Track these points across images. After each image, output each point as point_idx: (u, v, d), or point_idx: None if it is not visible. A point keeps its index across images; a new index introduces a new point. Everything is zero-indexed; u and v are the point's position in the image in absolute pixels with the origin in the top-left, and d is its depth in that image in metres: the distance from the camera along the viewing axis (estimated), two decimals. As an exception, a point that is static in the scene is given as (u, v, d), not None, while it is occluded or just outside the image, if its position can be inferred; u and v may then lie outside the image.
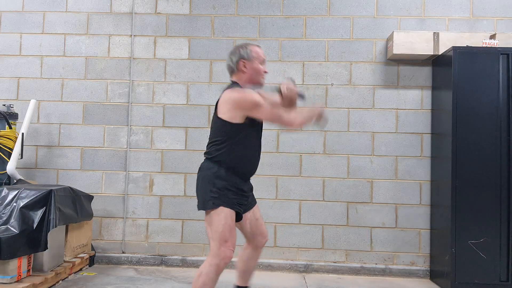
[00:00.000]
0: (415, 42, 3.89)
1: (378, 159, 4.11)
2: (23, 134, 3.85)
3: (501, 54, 3.55)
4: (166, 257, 4.13)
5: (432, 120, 4.07)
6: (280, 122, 2.47)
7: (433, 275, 3.93)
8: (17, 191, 3.24)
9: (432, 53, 3.89)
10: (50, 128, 4.28)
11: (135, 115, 4.25)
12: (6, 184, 3.78)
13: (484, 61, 3.56)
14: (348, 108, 4.15)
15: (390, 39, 4.01)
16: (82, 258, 3.82)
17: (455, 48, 3.58)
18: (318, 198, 4.12)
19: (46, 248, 3.17)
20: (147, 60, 4.27)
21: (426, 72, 4.12)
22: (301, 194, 4.12)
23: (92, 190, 4.17)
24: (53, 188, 3.34)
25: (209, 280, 2.33)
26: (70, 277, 3.65)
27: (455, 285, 3.45)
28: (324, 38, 4.20)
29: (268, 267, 4.02)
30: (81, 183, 4.18)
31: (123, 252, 4.17)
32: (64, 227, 3.61)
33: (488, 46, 3.66)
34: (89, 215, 3.90)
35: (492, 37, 3.84)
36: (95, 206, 4.06)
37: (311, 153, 4.14)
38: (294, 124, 2.48)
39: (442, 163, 3.79)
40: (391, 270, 4.02)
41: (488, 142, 3.52)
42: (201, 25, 4.26)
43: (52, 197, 3.25)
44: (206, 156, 2.54)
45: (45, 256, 3.29)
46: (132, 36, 4.29)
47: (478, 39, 3.81)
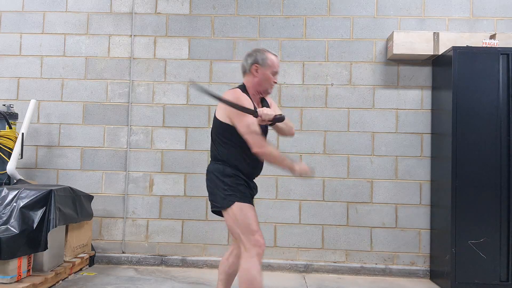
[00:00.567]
0: (415, 42, 3.89)
1: (378, 159, 4.11)
2: (23, 134, 3.85)
3: (501, 54, 3.55)
4: (166, 257, 4.13)
5: (432, 120, 4.07)
6: (249, 142, 2.39)
7: (433, 275, 3.93)
8: (17, 191, 3.24)
9: (432, 53, 3.89)
10: (50, 128, 4.28)
11: (135, 115, 4.25)
12: (6, 184, 3.78)
13: (484, 61, 3.56)
14: (348, 108, 4.15)
15: (390, 39, 4.01)
16: (82, 258, 3.82)
17: (455, 48, 3.58)
18: (318, 198, 4.12)
19: (46, 248, 3.17)
20: (147, 60, 4.27)
21: (426, 72, 4.12)
22: (301, 194, 4.12)
23: (92, 190, 4.17)
24: (53, 188, 3.34)
25: (257, 271, 2.34)
26: (70, 277, 3.65)
27: (455, 285, 3.45)
28: (324, 38, 4.20)
29: (268, 267, 4.02)
30: (81, 183, 4.18)
31: (123, 252, 4.17)
32: (64, 227, 3.61)
33: (488, 46, 3.66)
34: (89, 215, 3.90)
35: (492, 37, 3.84)
36: (95, 206, 4.06)
37: (311, 153, 4.14)
38: (259, 152, 2.41)
39: (442, 163, 3.79)
40: (391, 270, 4.02)
41: (488, 142, 3.52)
42: (201, 25, 4.26)
43: (52, 197, 3.25)
44: (211, 158, 2.59)
45: (45, 256, 3.29)
46: (132, 36, 4.29)
47: (478, 39, 3.81)
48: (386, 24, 4.17)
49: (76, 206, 3.63)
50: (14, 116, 4.03)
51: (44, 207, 3.21)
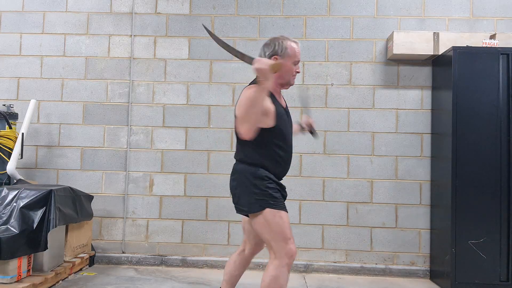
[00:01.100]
0: (415, 42, 3.89)
1: (378, 159, 4.11)
2: (23, 134, 3.85)
3: (501, 54, 3.55)
4: (166, 257, 4.13)
5: (432, 120, 4.07)
6: (238, 128, 2.21)
7: (433, 275, 3.93)
8: (17, 191, 3.24)
9: (432, 53, 3.89)
10: (50, 128, 4.28)
11: (135, 115, 4.25)
12: (6, 184, 3.78)
13: (484, 61, 3.56)
14: (348, 108, 4.15)
15: (390, 39, 4.01)
16: (82, 258, 3.82)
17: (455, 48, 3.58)
18: (318, 198, 4.12)
19: (46, 248, 3.16)
20: (147, 60, 4.27)
21: (426, 72, 4.12)
22: (301, 194, 4.12)
23: (92, 190, 4.17)
24: (53, 188, 3.34)
25: (285, 282, 2.25)
26: (70, 277, 3.65)
27: (455, 285, 3.45)
28: (324, 38, 4.20)
29: (268, 267, 4.01)
30: (81, 183, 4.18)
31: (123, 252, 4.17)
32: (64, 227, 3.61)
33: (488, 46, 3.66)
34: (89, 215, 3.90)
35: (492, 37, 3.84)
36: (95, 206, 4.06)
37: (311, 153, 4.14)
38: (242, 135, 2.21)
39: (442, 163, 3.79)
40: (391, 270, 4.02)
41: (488, 142, 3.52)
42: (201, 25, 4.26)
43: (52, 197, 3.25)
44: (238, 159, 2.40)
45: (45, 256, 3.29)
46: (132, 36, 4.29)
47: (478, 39, 3.81)
48: (386, 24, 4.17)
49: (76, 206, 3.63)
50: (14, 116, 4.03)
51: (44, 207, 3.21)
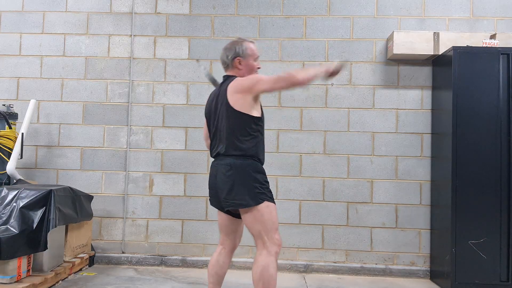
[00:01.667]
0: (415, 42, 3.89)
1: (378, 159, 4.11)
2: (23, 134, 3.84)
3: (501, 54, 3.55)
4: (166, 257, 4.13)
5: (432, 120, 4.07)
6: (284, 83, 2.38)
7: (433, 275, 3.93)
8: (17, 191, 3.24)
9: (432, 53, 3.89)
10: (50, 128, 4.28)
11: (135, 115, 4.25)
12: (6, 184, 3.78)
13: (484, 61, 3.55)
14: (348, 108, 4.15)
15: (390, 39, 4.01)
16: (82, 258, 3.82)
17: (455, 48, 3.58)
18: (318, 198, 4.11)
19: (46, 248, 3.16)
20: (147, 60, 4.27)
21: (426, 72, 4.12)
22: (301, 194, 4.12)
23: (92, 190, 4.16)
24: (53, 188, 3.33)
25: (275, 270, 2.40)
26: (70, 277, 3.65)
27: (455, 285, 3.44)
28: (324, 38, 4.20)
29: (268, 267, 4.01)
30: (81, 183, 4.18)
31: (123, 252, 4.17)
32: (64, 227, 3.60)
33: (488, 46, 3.66)
34: (89, 215, 3.89)
35: (492, 37, 3.84)
36: (95, 206, 4.06)
37: (311, 153, 4.14)
38: (297, 80, 2.36)
39: (442, 163, 3.78)
40: (391, 270, 4.01)
41: (488, 142, 3.52)
42: (201, 25, 4.26)
43: (52, 197, 3.25)
44: (233, 154, 2.45)
45: (45, 256, 3.29)
46: (132, 36, 4.29)
47: (478, 39, 3.81)
48: (386, 24, 4.17)
49: (76, 206, 3.62)
50: (14, 116, 4.03)
51: (44, 207, 3.21)
